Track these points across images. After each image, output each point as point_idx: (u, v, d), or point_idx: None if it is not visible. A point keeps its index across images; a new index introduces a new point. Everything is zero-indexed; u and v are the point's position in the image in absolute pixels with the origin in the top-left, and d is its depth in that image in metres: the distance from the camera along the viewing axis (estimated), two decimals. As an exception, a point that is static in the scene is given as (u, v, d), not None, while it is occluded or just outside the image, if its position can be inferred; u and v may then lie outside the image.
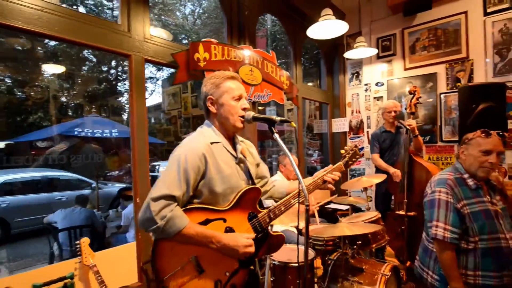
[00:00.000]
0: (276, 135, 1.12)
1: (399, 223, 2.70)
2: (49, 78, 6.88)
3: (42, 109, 6.73)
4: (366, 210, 2.66)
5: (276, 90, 3.12)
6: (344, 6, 4.05)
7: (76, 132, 4.47)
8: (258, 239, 1.21)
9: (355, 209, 3.47)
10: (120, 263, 1.90)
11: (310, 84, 5.69)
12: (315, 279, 2.04)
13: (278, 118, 1.14)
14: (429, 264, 1.64)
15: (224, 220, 1.16)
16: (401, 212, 2.61)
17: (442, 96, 3.60)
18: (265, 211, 1.25)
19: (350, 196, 2.64)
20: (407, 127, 2.65)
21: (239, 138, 1.34)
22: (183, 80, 2.26)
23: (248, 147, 1.37)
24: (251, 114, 1.20)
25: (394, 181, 2.82)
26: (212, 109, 1.23)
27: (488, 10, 3.28)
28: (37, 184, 5.01)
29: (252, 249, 1.13)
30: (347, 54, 3.48)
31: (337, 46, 4.36)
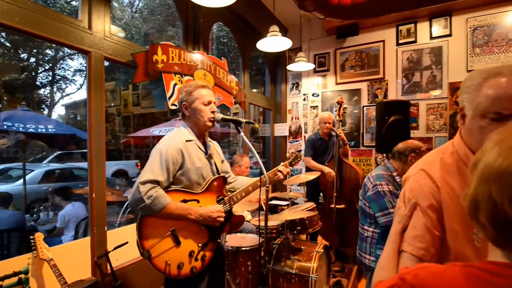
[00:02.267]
0: (242, 134, 1.38)
1: (329, 216, 3.18)
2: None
3: None
4: (304, 202, 3.08)
5: (226, 94, 3.36)
6: (287, 22, 4.52)
7: (5, 127, 3.96)
8: (225, 216, 1.47)
9: (294, 204, 3.90)
10: (74, 258, 1.90)
11: (255, 90, 6.07)
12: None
13: (244, 120, 1.40)
14: (366, 249, 1.95)
15: (198, 201, 1.42)
16: (332, 206, 3.11)
17: (364, 108, 4.31)
18: (229, 195, 1.53)
19: (290, 191, 3.03)
20: (338, 134, 3.17)
21: (208, 138, 1.60)
22: (142, 80, 2.34)
23: (215, 146, 1.64)
24: (220, 116, 1.46)
25: (328, 179, 3.29)
26: (186, 112, 1.48)
27: (400, 41, 4.08)
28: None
29: (223, 215, 1.41)
30: (289, 67, 3.93)
31: (280, 58, 4.81)
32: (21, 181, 5.15)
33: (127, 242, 2.02)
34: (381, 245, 1.83)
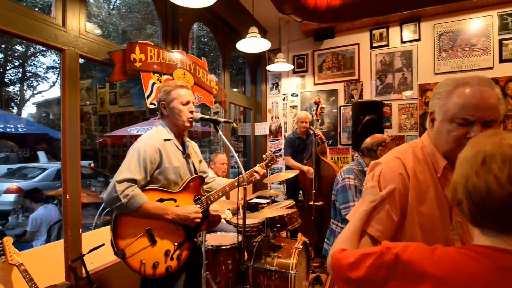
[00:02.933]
0: (221, 133, 1.40)
1: (309, 213, 3.27)
2: None
3: None
4: (283, 200, 3.14)
5: (206, 93, 3.36)
6: (266, 24, 4.58)
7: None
8: (202, 216, 1.48)
9: (274, 202, 3.97)
10: (47, 262, 1.84)
11: (235, 90, 6.09)
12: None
13: (222, 119, 1.42)
14: (333, 241, 2.11)
15: (175, 200, 1.42)
16: (311, 203, 3.19)
17: (341, 108, 4.45)
18: (207, 194, 1.54)
19: (271, 189, 3.08)
20: (316, 133, 3.26)
21: (187, 138, 1.61)
22: (119, 79, 2.30)
23: (193, 146, 1.65)
24: (198, 115, 1.47)
25: (307, 177, 3.38)
26: (165, 112, 1.49)
27: (374, 45, 4.25)
28: None
29: (200, 215, 1.42)
30: (269, 67, 3.99)
31: (260, 58, 4.86)
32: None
33: (103, 244, 1.97)
34: None
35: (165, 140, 1.43)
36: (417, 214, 0.86)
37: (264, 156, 1.88)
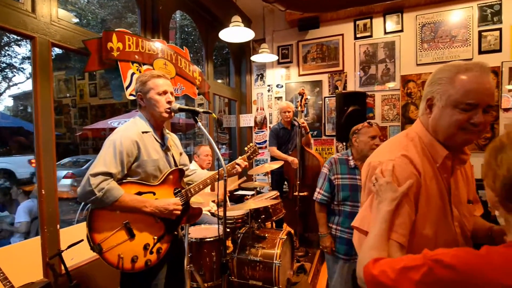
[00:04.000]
0: (200, 124, 1.37)
1: (293, 204, 3.30)
2: None
3: None
4: (268, 191, 3.15)
5: (189, 84, 3.29)
6: (250, 13, 4.50)
7: None
8: (182, 209, 1.46)
9: (259, 194, 3.99)
10: (23, 259, 1.77)
11: (220, 81, 6.01)
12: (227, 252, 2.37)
13: (201, 110, 1.39)
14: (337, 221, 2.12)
15: (154, 193, 1.38)
16: (296, 194, 3.22)
17: (326, 99, 4.47)
18: (187, 187, 1.51)
19: (255, 181, 3.08)
20: (301, 124, 3.26)
21: (167, 130, 1.56)
22: (95, 69, 2.21)
23: (173, 139, 1.61)
24: (176, 105, 1.42)
25: (292, 167, 3.39)
26: (142, 103, 1.44)
27: (357, 36, 4.26)
28: None
29: (180, 208, 1.39)
30: (253, 58, 3.94)
31: (245, 49, 4.79)
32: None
33: (82, 240, 1.91)
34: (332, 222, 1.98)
35: (143, 132, 1.39)
36: (426, 209, 0.84)
37: (246, 148, 1.86)
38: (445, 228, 0.85)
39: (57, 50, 7.67)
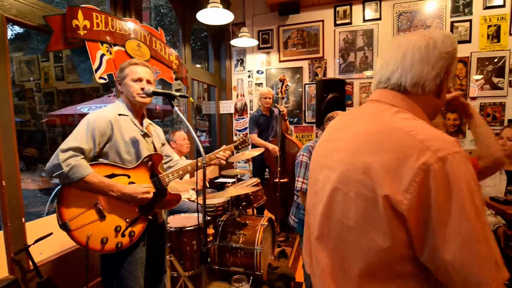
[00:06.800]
0: (176, 108, 1.29)
1: (274, 191, 3.30)
2: None
3: None
4: (249, 178, 3.12)
5: (165, 68, 3.13)
6: (230, -5, 4.33)
7: None
8: (157, 194, 1.43)
9: (240, 181, 3.96)
10: (-16, 256, 1.63)
11: (198, 66, 5.81)
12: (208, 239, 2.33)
13: (178, 94, 1.31)
14: (293, 211, 2.14)
15: (128, 176, 1.35)
16: (277, 180, 3.22)
17: (306, 86, 4.46)
18: (165, 173, 1.48)
19: (236, 168, 3.03)
20: (281, 110, 3.23)
21: (148, 120, 1.57)
22: (58, 48, 2.02)
23: (155, 129, 1.61)
24: (150, 88, 1.38)
25: (272, 155, 3.37)
26: (119, 88, 1.46)
27: (337, 22, 4.24)
28: None
29: (149, 196, 1.36)
30: (233, 42, 3.81)
31: (224, 32, 4.63)
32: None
33: (51, 233, 1.80)
34: (303, 210, 1.97)
35: (120, 114, 1.40)
36: None
37: (235, 138, 1.84)
38: None
39: (17, 29, 7.01)
